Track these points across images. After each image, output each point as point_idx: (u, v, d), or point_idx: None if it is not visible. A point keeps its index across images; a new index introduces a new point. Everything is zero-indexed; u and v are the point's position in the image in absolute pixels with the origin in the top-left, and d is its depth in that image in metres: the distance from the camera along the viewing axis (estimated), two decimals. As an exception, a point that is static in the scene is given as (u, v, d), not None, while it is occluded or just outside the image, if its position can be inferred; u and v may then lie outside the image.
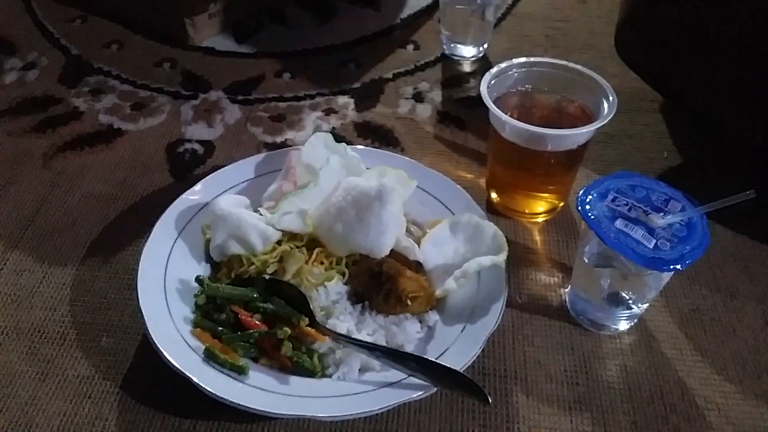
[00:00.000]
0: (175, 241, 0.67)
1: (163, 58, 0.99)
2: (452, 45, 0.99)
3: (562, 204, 0.77)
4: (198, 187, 0.72)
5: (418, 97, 0.93)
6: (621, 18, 0.79)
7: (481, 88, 0.70)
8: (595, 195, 0.61)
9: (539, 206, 0.76)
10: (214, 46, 1.02)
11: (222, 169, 0.74)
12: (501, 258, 0.64)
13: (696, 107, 0.75)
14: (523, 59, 0.74)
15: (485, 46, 0.99)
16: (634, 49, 0.79)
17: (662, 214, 0.59)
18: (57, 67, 0.98)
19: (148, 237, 0.66)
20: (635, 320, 0.65)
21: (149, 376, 0.60)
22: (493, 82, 0.72)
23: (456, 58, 0.99)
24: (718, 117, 0.73)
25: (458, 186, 0.73)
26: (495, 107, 0.69)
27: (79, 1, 1.07)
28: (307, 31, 1.05)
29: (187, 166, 0.82)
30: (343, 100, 0.92)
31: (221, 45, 1.02)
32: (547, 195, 0.76)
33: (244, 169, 0.75)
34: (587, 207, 0.60)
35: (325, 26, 1.06)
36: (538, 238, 0.74)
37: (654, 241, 0.57)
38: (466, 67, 0.98)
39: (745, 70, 0.67)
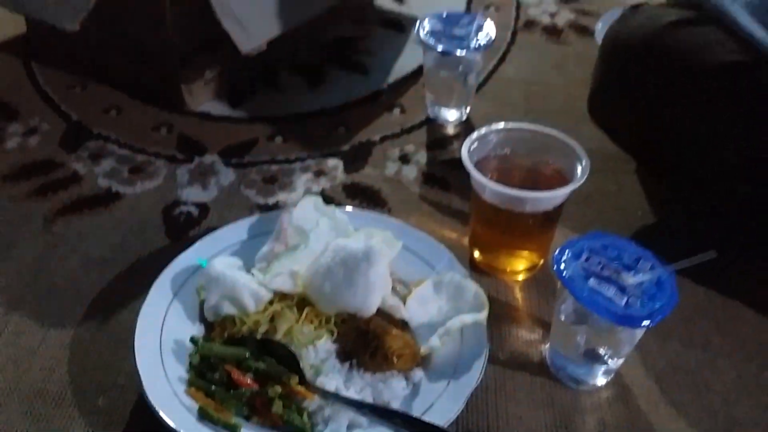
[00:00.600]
0: (170, 303, 0.70)
1: (160, 123, 1.03)
2: (436, 108, 1.04)
3: (542, 261, 0.80)
4: (193, 249, 0.75)
5: (405, 159, 0.97)
6: (593, 85, 0.85)
7: (462, 153, 0.75)
8: (569, 254, 0.64)
9: (520, 264, 0.80)
10: (209, 111, 1.06)
11: (216, 231, 0.78)
12: (482, 316, 0.67)
13: (661, 171, 0.80)
14: (501, 125, 0.79)
15: (468, 109, 1.04)
16: (605, 114, 0.84)
17: (633, 272, 0.62)
18: (58, 132, 1.02)
19: (144, 298, 0.69)
20: (612, 375, 0.68)
21: (144, 435, 0.62)
22: (473, 147, 0.77)
23: (440, 121, 1.04)
24: (681, 182, 0.78)
25: (442, 246, 0.77)
26: (475, 171, 0.73)
27: (79, 68, 1.12)
28: (299, 95, 1.10)
29: (183, 228, 0.85)
30: (332, 162, 0.97)
31: (216, 109, 1.07)
32: (527, 253, 0.80)
33: (237, 230, 0.78)
34: (562, 266, 0.63)
35: (316, 91, 1.11)
36: (519, 295, 0.78)
37: (625, 298, 0.60)
38: (450, 130, 1.03)
39: (704, 140, 0.72)
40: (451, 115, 1.04)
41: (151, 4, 0.94)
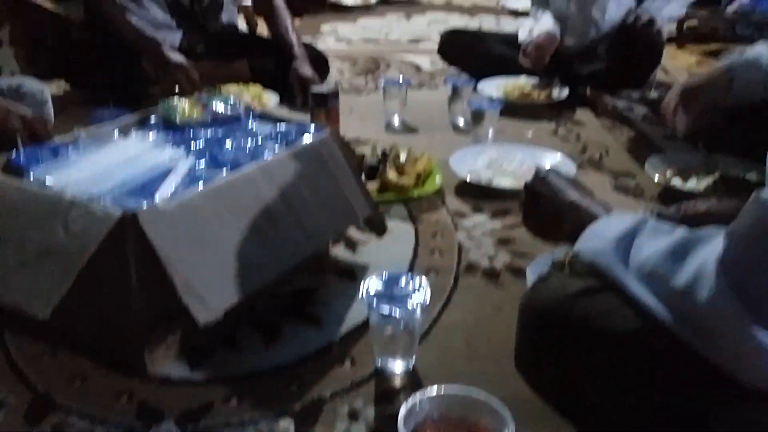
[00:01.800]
0: None
1: (121, 391, 1.08)
2: (383, 359, 1.11)
3: None
4: None
5: (353, 416, 1.02)
6: (515, 345, 0.93)
7: (398, 423, 0.81)
8: None
9: None
10: (169, 374, 1.12)
11: None
12: None
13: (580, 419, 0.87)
14: (434, 390, 0.86)
15: (413, 357, 1.11)
16: (527, 371, 0.92)
17: None
18: (23, 405, 1.06)
19: None
20: None
21: None
22: (411, 412, 0.83)
23: (387, 373, 1.11)
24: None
25: None
26: (409, 442, 0.78)
27: (49, 337, 1.19)
28: (255, 354, 1.17)
29: (134, 508, 0.87)
30: (284, 423, 1.01)
31: (176, 371, 1.13)
32: None
33: None
34: None
35: (271, 347, 1.18)
36: None
37: None
38: (397, 382, 1.09)
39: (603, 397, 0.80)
40: (397, 367, 1.11)
41: (118, 289, 1.03)
